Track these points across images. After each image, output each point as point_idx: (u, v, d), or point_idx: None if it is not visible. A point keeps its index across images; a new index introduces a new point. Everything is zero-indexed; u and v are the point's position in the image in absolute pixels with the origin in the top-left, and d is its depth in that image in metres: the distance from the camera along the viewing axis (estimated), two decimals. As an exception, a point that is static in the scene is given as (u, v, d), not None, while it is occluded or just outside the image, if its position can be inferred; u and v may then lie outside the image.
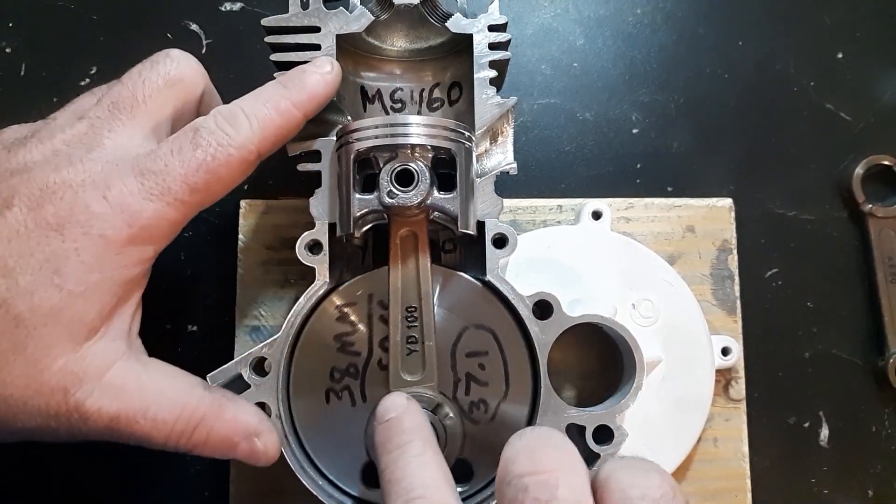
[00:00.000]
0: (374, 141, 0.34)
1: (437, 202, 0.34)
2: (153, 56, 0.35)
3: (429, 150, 0.34)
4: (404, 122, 0.34)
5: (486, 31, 0.37)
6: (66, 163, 0.31)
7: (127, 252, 0.31)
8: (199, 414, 0.32)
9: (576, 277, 0.41)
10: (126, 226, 0.31)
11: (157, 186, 0.31)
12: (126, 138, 0.33)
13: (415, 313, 0.35)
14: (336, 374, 0.35)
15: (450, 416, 0.34)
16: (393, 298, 0.35)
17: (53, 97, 0.46)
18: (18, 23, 0.47)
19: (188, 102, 0.35)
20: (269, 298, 0.42)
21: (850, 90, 0.48)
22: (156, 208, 0.31)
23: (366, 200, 0.34)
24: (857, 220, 0.46)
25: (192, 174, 0.32)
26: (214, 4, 0.47)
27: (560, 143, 0.47)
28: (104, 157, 0.32)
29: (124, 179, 0.31)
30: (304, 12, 0.37)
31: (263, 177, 0.45)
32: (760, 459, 0.43)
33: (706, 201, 0.44)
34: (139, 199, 0.31)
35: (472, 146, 0.35)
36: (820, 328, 0.45)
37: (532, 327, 0.35)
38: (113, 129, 0.33)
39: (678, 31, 0.48)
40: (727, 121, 0.47)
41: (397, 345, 0.35)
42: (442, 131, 0.34)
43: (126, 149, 0.33)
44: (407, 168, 0.33)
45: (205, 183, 0.32)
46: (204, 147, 0.32)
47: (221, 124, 0.33)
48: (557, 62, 0.48)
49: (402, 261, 0.35)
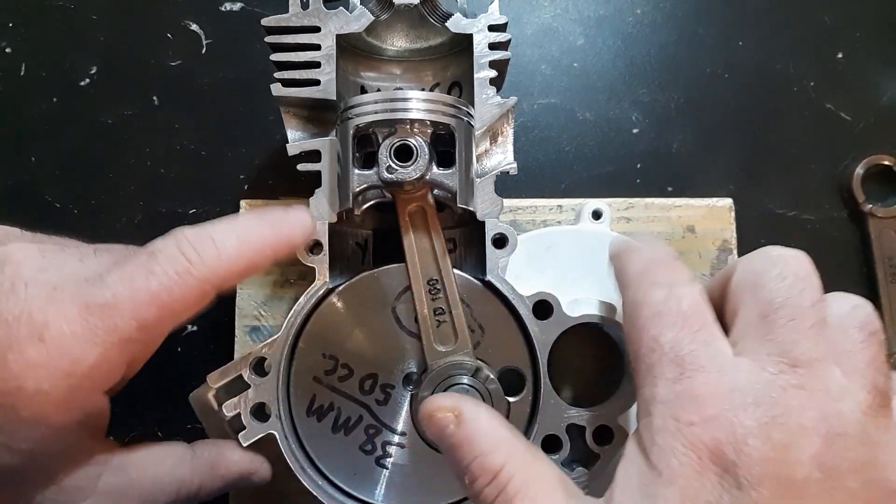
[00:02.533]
0: (373, 116, 0.34)
1: (436, 178, 0.34)
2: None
3: (428, 126, 0.34)
4: (403, 97, 0.34)
5: (486, 30, 0.37)
6: (7, 286, 0.27)
7: (71, 403, 0.28)
8: (196, 484, 0.32)
9: (576, 277, 0.41)
10: (65, 375, 0.27)
11: (103, 325, 0.27)
12: (76, 255, 0.30)
13: (437, 285, 0.35)
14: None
15: (491, 379, 0.34)
16: (413, 274, 0.35)
17: (53, 97, 0.46)
18: (18, 23, 0.47)
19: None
20: (268, 298, 0.42)
21: (850, 90, 0.48)
22: (100, 352, 0.27)
23: (365, 176, 0.34)
24: (858, 220, 0.46)
25: (142, 308, 0.27)
26: (214, 4, 0.47)
27: (560, 143, 0.47)
28: (55, 281, 0.28)
29: (66, 314, 0.27)
30: (304, 12, 0.37)
31: (263, 177, 0.45)
32: (760, 459, 0.43)
33: (706, 201, 0.44)
34: (81, 343, 0.27)
35: (472, 122, 0.35)
36: (820, 328, 0.45)
37: (532, 327, 0.35)
38: (66, 246, 0.30)
39: (678, 31, 0.48)
40: (727, 121, 0.47)
41: (426, 318, 0.35)
42: (441, 106, 0.34)
43: (73, 269, 0.29)
44: (406, 143, 0.33)
45: (156, 319, 0.28)
46: (159, 275, 0.28)
47: (185, 249, 0.29)
48: (557, 62, 0.48)
49: (416, 235, 0.35)
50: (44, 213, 0.45)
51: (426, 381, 0.34)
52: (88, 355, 0.27)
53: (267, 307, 0.42)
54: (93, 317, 0.27)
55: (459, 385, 0.34)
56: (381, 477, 0.35)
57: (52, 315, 0.27)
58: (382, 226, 0.39)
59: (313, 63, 0.36)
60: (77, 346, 0.27)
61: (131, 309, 0.27)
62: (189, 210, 0.45)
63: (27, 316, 0.26)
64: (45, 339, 0.26)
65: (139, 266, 0.28)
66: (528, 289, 0.35)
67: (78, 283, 0.28)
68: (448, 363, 0.34)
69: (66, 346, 0.27)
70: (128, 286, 0.27)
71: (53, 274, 0.28)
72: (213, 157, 0.46)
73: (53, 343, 0.26)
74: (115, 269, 0.28)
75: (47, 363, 0.26)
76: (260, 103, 0.46)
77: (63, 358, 0.27)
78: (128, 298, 0.27)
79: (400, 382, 0.35)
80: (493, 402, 0.34)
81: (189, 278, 0.28)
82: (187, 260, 0.28)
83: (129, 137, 0.46)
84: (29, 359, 0.26)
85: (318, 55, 0.36)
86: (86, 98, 0.46)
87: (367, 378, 0.35)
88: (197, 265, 0.28)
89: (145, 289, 0.27)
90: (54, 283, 0.27)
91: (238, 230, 0.30)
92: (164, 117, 0.46)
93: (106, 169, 0.45)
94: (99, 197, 0.45)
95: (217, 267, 0.29)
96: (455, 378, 0.34)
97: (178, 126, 0.46)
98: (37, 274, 0.28)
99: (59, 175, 0.45)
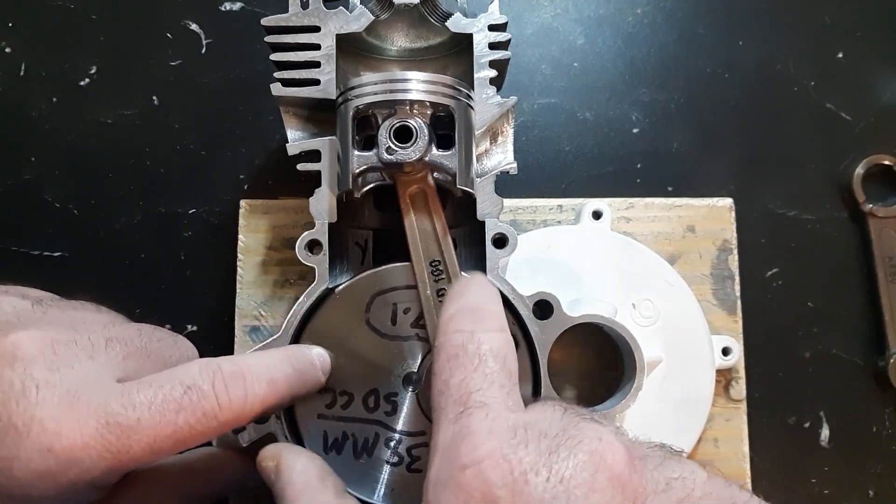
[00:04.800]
0: (373, 97, 0.34)
1: (435, 159, 0.34)
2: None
3: (427, 107, 0.34)
4: (403, 78, 0.34)
5: (486, 30, 0.37)
6: (19, 387, 0.26)
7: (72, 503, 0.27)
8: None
9: (576, 277, 0.41)
10: (70, 483, 0.26)
11: (118, 444, 0.26)
12: (87, 348, 0.28)
13: (439, 266, 0.35)
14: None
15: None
16: (415, 256, 0.35)
17: (53, 97, 0.46)
18: (18, 23, 0.47)
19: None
20: (268, 298, 0.42)
21: (850, 90, 0.48)
22: (108, 466, 0.26)
23: (365, 157, 0.34)
24: (858, 220, 0.46)
25: (161, 440, 0.27)
26: (214, 4, 0.47)
27: (560, 143, 0.47)
28: (68, 383, 0.26)
29: (83, 425, 0.26)
30: (304, 12, 0.37)
31: (263, 177, 0.45)
32: (761, 460, 0.43)
33: (706, 201, 0.44)
34: (91, 455, 0.26)
35: (471, 105, 0.35)
36: (820, 328, 0.45)
37: (532, 327, 0.35)
38: (97, 348, 0.28)
39: (678, 31, 0.48)
40: (727, 121, 0.47)
41: (429, 299, 0.35)
42: (441, 87, 0.34)
43: (87, 369, 0.27)
44: (405, 124, 0.33)
45: (169, 449, 0.27)
46: (188, 413, 0.27)
47: (219, 390, 0.28)
48: (557, 62, 0.48)
49: (417, 217, 0.35)
50: (44, 213, 0.45)
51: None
52: (96, 467, 0.26)
53: (267, 307, 0.42)
54: (111, 434, 0.26)
55: None
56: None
57: (67, 424, 0.25)
58: (382, 226, 0.39)
59: (313, 63, 0.36)
60: (87, 458, 0.26)
61: (151, 437, 0.26)
62: (189, 210, 0.45)
63: (38, 424, 0.25)
64: (55, 449, 0.25)
65: (171, 399, 0.27)
66: (528, 289, 0.35)
67: (96, 391, 0.27)
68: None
69: (75, 458, 0.26)
70: (156, 416, 0.27)
71: (66, 374, 0.27)
72: (213, 157, 0.46)
73: (63, 454, 0.25)
74: (144, 389, 0.27)
75: (55, 473, 0.25)
76: (260, 103, 0.46)
77: (71, 468, 0.26)
78: (151, 427, 0.26)
79: (401, 386, 0.35)
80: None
81: (214, 422, 0.28)
82: (218, 403, 0.28)
83: (129, 137, 0.46)
84: (36, 469, 0.25)
85: (317, 55, 0.36)
86: (86, 98, 0.46)
87: (368, 396, 0.35)
88: (225, 410, 0.28)
89: (172, 423, 0.27)
90: (68, 387, 0.26)
91: (269, 373, 0.30)
92: (164, 117, 0.46)
93: (106, 169, 0.45)
94: (99, 197, 0.45)
95: (241, 412, 0.29)
96: None
97: (178, 126, 0.46)
98: (48, 374, 0.26)
99: (59, 175, 0.45)
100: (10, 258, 0.44)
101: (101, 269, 0.44)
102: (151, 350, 0.30)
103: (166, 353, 0.31)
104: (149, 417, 0.26)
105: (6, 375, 0.26)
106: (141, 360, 0.30)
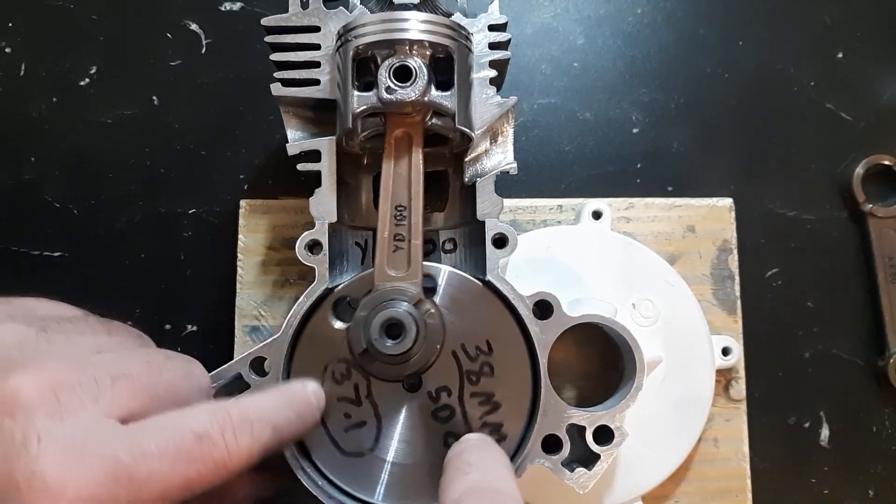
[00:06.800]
0: (372, 37, 0.34)
1: (434, 99, 0.34)
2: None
3: (426, 48, 0.34)
4: (402, 18, 0.34)
5: (486, 30, 0.37)
6: (19, 438, 0.24)
7: None
8: None
9: (576, 277, 0.41)
10: None
11: (127, 496, 0.25)
12: (109, 402, 0.26)
13: (404, 212, 0.35)
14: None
15: (430, 313, 0.34)
16: (383, 196, 0.35)
17: (53, 97, 0.46)
18: (18, 23, 0.47)
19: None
20: (268, 298, 0.42)
21: (850, 90, 0.48)
22: None
23: (364, 97, 0.34)
24: (858, 220, 0.46)
25: (171, 490, 0.26)
26: (214, 4, 0.47)
27: (560, 143, 0.47)
28: (71, 432, 0.25)
29: (90, 477, 0.24)
30: (303, 12, 0.37)
31: (263, 177, 0.45)
32: (761, 459, 0.43)
33: (706, 201, 0.44)
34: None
35: (470, 47, 0.35)
36: (820, 328, 0.45)
37: (532, 327, 0.35)
38: (102, 388, 0.26)
39: (678, 31, 0.48)
40: (727, 121, 0.47)
41: (384, 241, 0.35)
42: (440, 28, 0.34)
43: (92, 416, 0.26)
44: (405, 64, 0.33)
45: (179, 498, 0.26)
46: (199, 463, 0.26)
47: (228, 439, 0.28)
48: (557, 62, 0.48)
49: (396, 160, 0.35)
50: (44, 213, 0.45)
51: (366, 301, 0.34)
52: None
53: (267, 307, 0.42)
54: (119, 487, 0.25)
55: (397, 309, 0.33)
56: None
57: (72, 478, 0.24)
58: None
59: (313, 63, 0.36)
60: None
61: (161, 489, 0.26)
62: (189, 210, 0.45)
63: (40, 480, 0.24)
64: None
65: (183, 449, 0.26)
66: (528, 289, 0.35)
67: (103, 439, 0.25)
68: (393, 287, 0.34)
69: None
70: (166, 467, 0.26)
71: (69, 422, 0.25)
72: (213, 157, 0.46)
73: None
74: (155, 436, 0.26)
75: None
76: (260, 103, 0.46)
77: None
78: (162, 479, 0.25)
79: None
80: (427, 335, 0.33)
81: (223, 471, 0.27)
82: (228, 452, 0.27)
83: (129, 137, 0.46)
84: None
85: (318, 55, 0.36)
86: (86, 98, 0.46)
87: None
88: (234, 459, 0.28)
89: (183, 475, 0.26)
90: (71, 436, 0.25)
91: (274, 419, 0.30)
92: (164, 117, 0.46)
93: (106, 169, 0.45)
94: (99, 197, 0.45)
95: (249, 460, 0.28)
96: (395, 303, 0.33)
97: (178, 126, 0.46)
98: (50, 424, 0.25)
99: (59, 175, 0.45)
100: (10, 258, 0.44)
101: (101, 269, 0.44)
102: (160, 385, 0.29)
103: (175, 388, 0.30)
104: (160, 469, 0.25)
105: (7, 427, 0.24)
106: (149, 398, 0.28)
